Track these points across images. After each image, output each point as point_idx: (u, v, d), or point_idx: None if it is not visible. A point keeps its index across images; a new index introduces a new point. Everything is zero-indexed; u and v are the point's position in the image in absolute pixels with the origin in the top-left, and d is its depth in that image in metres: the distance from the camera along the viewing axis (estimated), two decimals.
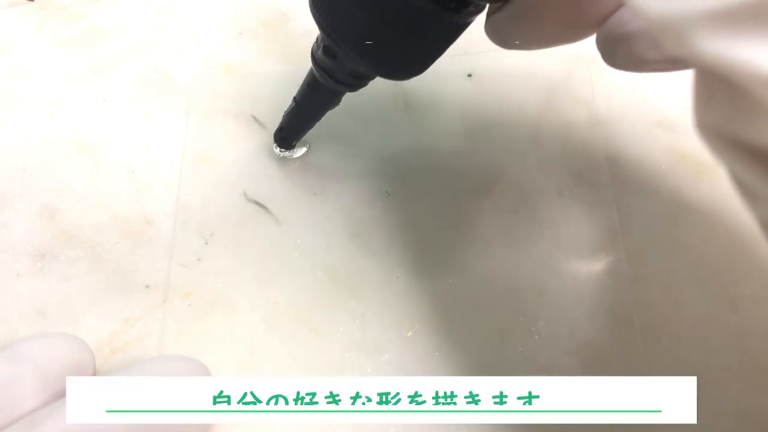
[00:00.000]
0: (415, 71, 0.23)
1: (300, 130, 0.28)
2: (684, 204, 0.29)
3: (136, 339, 0.25)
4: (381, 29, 0.20)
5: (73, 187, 0.28)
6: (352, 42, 0.21)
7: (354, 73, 0.24)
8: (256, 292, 0.26)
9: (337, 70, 0.23)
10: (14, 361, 0.21)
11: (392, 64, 0.22)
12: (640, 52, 0.19)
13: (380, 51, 0.21)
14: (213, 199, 0.28)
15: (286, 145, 0.28)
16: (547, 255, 0.28)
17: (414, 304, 0.26)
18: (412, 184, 0.29)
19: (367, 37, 0.21)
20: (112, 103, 0.30)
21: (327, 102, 0.26)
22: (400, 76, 0.23)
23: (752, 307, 0.26)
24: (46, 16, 0.33)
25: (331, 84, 0.24)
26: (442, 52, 0.23)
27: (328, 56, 0.23)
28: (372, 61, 0.22)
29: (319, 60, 0.24)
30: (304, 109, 0.26)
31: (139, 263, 0.27)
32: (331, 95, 0.25)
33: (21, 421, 0.20)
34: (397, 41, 0.21)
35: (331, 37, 0.22)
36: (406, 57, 0.22)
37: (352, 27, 0.21)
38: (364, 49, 0.21)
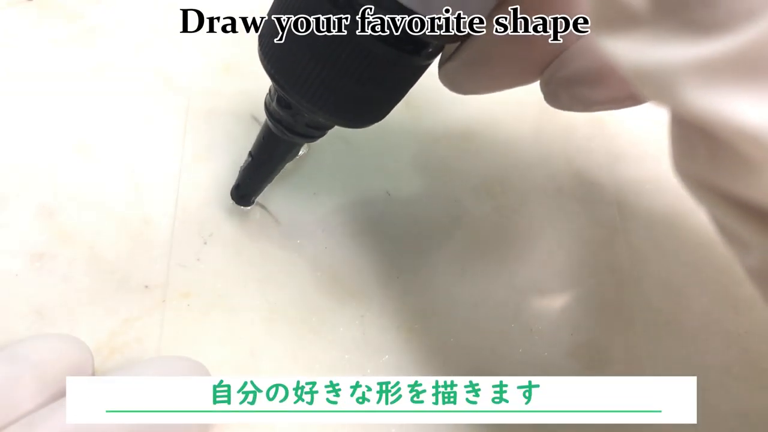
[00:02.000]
0: (376, 118, 0.22)
1: (258, 185, 0.26)
2: (685, 203, 0.29)
3: (135, 340, 0.25)
4: (336, 77, 0.19)
5: (72, 186, 0.28)
6: (306, 92, 0.20)
7: (311, 124, 0.22)
8: (255, 293, 0.26)
9: (293, 121, 0.22)
10: (13, 361, 0.21)
11: (351, 113, 0.21)
12: (585, 93, 0.18)
13: (337, 100, 0.20)
14: (212, 199, 0.28)
15: (245, 202, 0.27)
16: (547, 254, 0.28)
17: (414, 304, 0.26)
18: (412, 184, 0.29)
19: (320, 86, 0.20)
20: (111, 103, 0.30)
21: (284, 155, 0.25)
22: (360, 124, 0.22)
23: (754, 307, 0.26)
24: (45, 16, 0.33)
25: (288, 136, 0.23)
26: (403, 96, 0.21)
27: (282, 107, 0.22)
28: (329, 111, 0.20)
29: (274, 112, 0.23)
30: (262, 164, 0.25)
31: (138, 263, 0.27)
32: (288, 147, 0.24)
33: (20, 422, 0.20)
34: (354, 89, 0.20)
35: (284, 89, 0.20)
36: (364, 105, 0.21)
37: (304, 76, 0.20)
38: (320, 99, 0.20)
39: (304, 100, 0.20)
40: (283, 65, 0.20)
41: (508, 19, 0.17)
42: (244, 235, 0.27)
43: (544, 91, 0.20)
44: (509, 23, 0.17)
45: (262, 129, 0.24)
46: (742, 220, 0.12)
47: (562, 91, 0.19)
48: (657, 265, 0.27)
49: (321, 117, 0.21)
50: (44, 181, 0.28)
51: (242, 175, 0.26)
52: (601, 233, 0.28)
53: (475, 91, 0.22)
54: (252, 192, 0.27)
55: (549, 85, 0.19)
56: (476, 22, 0.18)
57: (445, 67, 0.21)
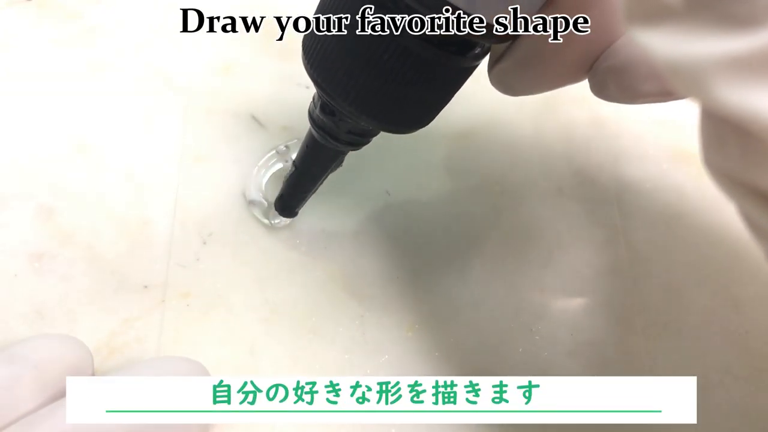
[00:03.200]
0: (422, 123, 0.21)
1: (302, 195, 0.26)
2: (686, 203, 0.29)
3: (134, 340, 0.25)
4: (378, 80, 0.19)
5: (71, 186, 0.28)
6: (348, 96, 0.19)
7: (355, 130, 0.22)
8: (255, 293, 0.26)
9: (336, 128, 0.22)
10: (13, 362, 0.21)
11: (396, 118, 0.20)
12: (634, 84, 0.18)
13: (380, 104, 0.20)
14: (211, 199, 0.28)
15: (289, 213, 0.26)
16: (547, 254, 0.28)
17: (414, 304, 0.26)
18: (412, 184, 0.29)
19: (363, 89, 0.19)
20: (111, 103, 0.30)
21: (329, 164, 0.24)
22: (406, 129, 0.21)
23: (754, 306, 0.26)
24: (44, 15, 0.33)
25: (333, 144, 0.23)
26: (449, 100, 0.21)
27: (326, 114, 0.22)
28: (371, 115, 0.20)
29: (317, 119, 0.22)
30: (305, 174, 0.25)
31: (137, 263, 0.27)
32: (332, 156, 0.24)
33: (20, 422, 0.20)
34: (397, 92, 0.19)
35: (327, 93, 0.20)
36: (410, 109, 0.20)
37: (349, 81, 0.19)
38: (362, 103, 0.19)
39: (347, 104, 0.20)
40: (326, 69, 0.20)
41: (507, 19, 0.17)
42: (244, 235, 0.27)
43: (592, 82, 0.19)
44: (509, 23, 0.17)
45: (305, 137, 0.24)
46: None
47: (611, 80, 0.18)
48: (657, 265, 0.27)
49: (364, 122, 0.21)
50: (44, 181, 0.28)
51: (286, 185, 0.26)
52: (601, 233, 0.28)
53: (527, 91, 0.21)
54: (296, 203, 0.26)
55: (597, 75, 0.19)
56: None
57: (496, 69, 0.20)
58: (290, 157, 0.29)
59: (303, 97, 0.31)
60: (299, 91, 0.31)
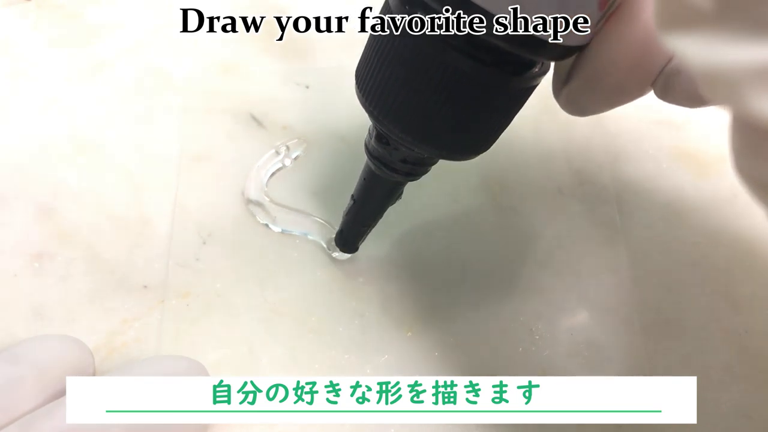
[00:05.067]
0: (481, 148, 0.20)
1: (362, 230, 0.25)
2: (685, 203, 0.29)
3: (133, 340, 0.25)
4: (433, 105, 0.18)
5: (70, 186, 0.28)
6: (400, 122, 0.19)
7: (412, 160, 0.21)
8: (254, 292, 0.26)
9: (392, 158, 0.21)
10: (14, 362, 0.21)
11: (452, 144, 0.19)
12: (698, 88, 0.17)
13: (436, 131, 0.19)
14: (211, 199, 0.28)
15: (350, 249, 0.26)
16: (547, 254, 0.28)
17: (414, 304, 0.26)
18: (411, 184, 0.29)
19: (414, 114, 0.18)
20: (110, 102, 0.30)
21: (387, 196, 0.23)
22: (463, 155, 0.20)
23: (754, 306, 0.26)
24: (43, 15, 0.32)
25: (389, 175, 0.22)
26: (508, 123, 0.20)
27: (381, 144, 0.21)
28: (429, 143, 0.19)
29: (373, 150, 0.21)
30: (364, 207, 0.24)
31: (136, 263, 0.27)
32: (391, 188, 0.23)
33: (19, 421, 0.20)
34: (453, 117, 0.18)
35: (379, 120, 0.19)
36: (466, 134, 0.19)
37: (401, 107, 0.18)
38: (415, 128, 0.19)
39: (398, 129, 0.19)
40: (378, 97, 0.19)
41: (507, 19, 0.17)
42: (243, 235, 0.27)
43: (656, 86, 0.18)
44: (509, 23, 0.17)
45: (362, 170, 0.23)
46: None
47: (677, 84, 0.18)
48: (657, 265, 0.27)
49: (417, 148, 0.20)
50: (43, 181, 0.28)
51: (345, 219, 0.25)
52: (601, 233, 0.28)
53: (600, 109, 0.20)
54: (356, 237, 0.25)
55: (662, 79, 0.18)
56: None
57: (565, 91, 0.20)
58: (290, 157, 0.29)
59: (303, 97, 0.31)
60: (299, 90, 0.31)
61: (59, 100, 0.30)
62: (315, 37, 0.32)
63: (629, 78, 0.18)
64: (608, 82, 0.18)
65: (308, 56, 0.32)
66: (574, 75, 0.19)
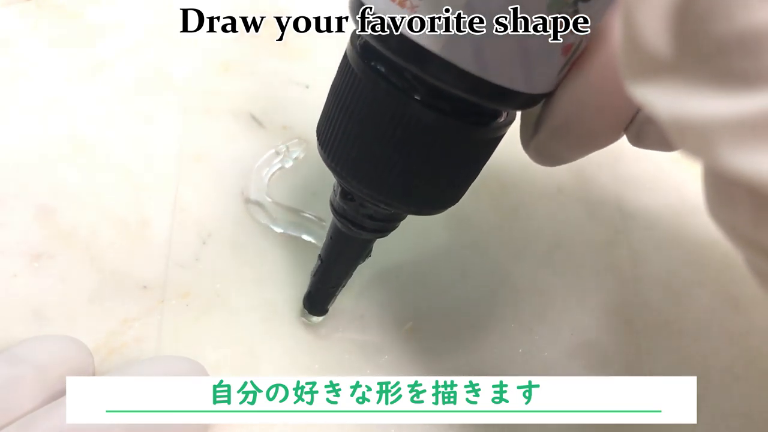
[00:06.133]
0: (449, 202, 0.20)
1: (331, 291, 0.24)
2: (686, 202, 0.29)
3: (133, 340, 0.25)
4: (394, 159, 0.17)
5: (70, 186, 0.28)
6: (369, 180, 0.18)
7: (378, 216, 0.21)
8: (254, 293, 0.26)
9: (358, 215, 0.21)
10: (14, 363, 0.21)
11: (417, 200, 0.19)
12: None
13: (399, 186, 0.18)
14: (211, 199, 0.28)
15: (319, 311, 0.25)
16: (547, 254, 0.28)
17: (414, 304, 0.26)
18: None
19: (379, 170, 0.18)
20: (109, 102, 0.30)
21: (355, 254, 0.23)
22: (430, 210, 0.20)
23: (755, 306, 0.26)
24: (43, 15, 0.32)
25: (355, 232, 0.21)
26: (475, 176, 0.19)
27: (346, 200, 0.20)
28: (392, 198, 0.19)
29: (338, 207, 0.21)
30: (332, 266, 0.24)
31: (136, 264, 0.27)
32: (358, 245, 0.23)
33: (19, 421, 0.20)
34: (416, 171, 0.18)
35: (347, 180, 0.19)
36: (431, 188, 0.19)
37: (366, 163, 0.18)
38: (380, 185, 0.18)
39: (360, 184, 0.18)
40: (338, 150, 0.18)
41: (507, 19, 0.17)
42: (243, 235, 0.27)
43: (629, 133, 0.18)
44: (509, 23, 0.17)
45: (329, 229, 0.23)
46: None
47: (650, 130, 0.17)
48: (657, 265, 0.27)
49: (382, 204, 0.19)
50: (42, 181, 0.28)
51: (314, 281, 0.24)
52: (601, 233, 0.28)
53: (571, 157, 0.19)
54: (326, 299, 0.25)
55: (634, 126, 0.17)
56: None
57: (534, 142, 0.19)
58: (290, 157, 0.29)
59: (302, 96, 0.31)
60: (298, 90, 0.31)
61: (59, 100, 0.30)
62: (315, 37, 0.32)
63: (599, 124, 0.17)
64: (577, 129, 0.17)
65: (308, 56, 0.32)
66: (542, 124, 0.18)
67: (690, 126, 0.10)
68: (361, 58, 0.18)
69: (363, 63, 0.17)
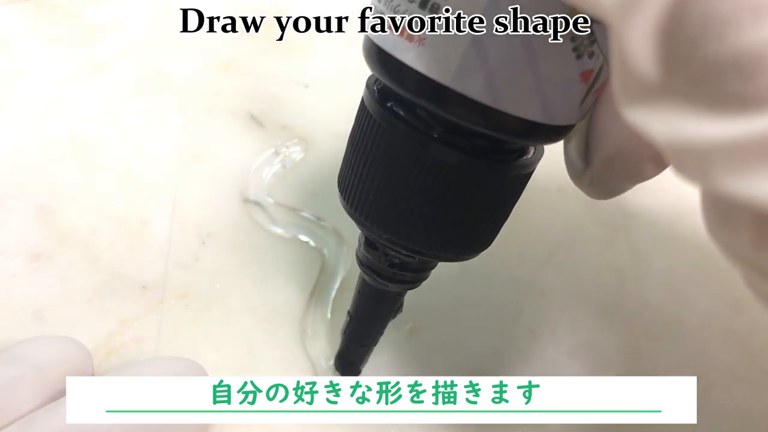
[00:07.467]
0: (482, 246, 0.19)
1: (364, 349, 0.24)
2: (688, 202, 0.29)
3: (132, 340, 0.25)
4: (417, 203, 0.17)
5: (69, 186, 0.28)
6: (391, 227, 0.17)
7: (404, 265, 0.20)
8: (254, 293, 0.26)
9: (386, 265, 0.20)
10: (13, 363, 0.21)
11: (444, 245, 0.18)
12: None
13: (425, 232, 0.17)
14: (210, 199, 0.28)
15: (352, 371, 0.24)
16: (547, 254, 0.28)
17: (414, 304, 0.26)
18: None
19: (408, 217, 0.17)
20: (109, 102, 0.30)
21: (386, 307, 0.22)
22: (461, 256, 0.19)
23: (755, 306, 0.26)
24: (42, 15, 0.32)
25: (382, 284, 0.20)
26: (508, 214, 0.19)
27: (370, 249, 0.20)
28: (423, 245, 0.18)
29: (363, 258, 0.20)
30: (362, 323, 0.23)
31: (135, 264, 0.26)
32: (390, 299, 0.22)
33: (19, 422, 0.20)
34: (446, 215, 0.17)
35: (370, 229, 0.18)
36: (463, 233, 0.18)
37: (388, 209, 0.17)
38: (409, 233, 0.17)
39: (383, 232, 0.18)
40: (360, 198, 0.18)
41: (507, 19, 0.17)
42: (243, 235, 0.27)
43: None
44: (509, 23, 0.17)
45: (357, 284, 0.22)
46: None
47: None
48: (658, 265, 0.27)
49: (405, 250, 0.18)
50: (41, 181, 0.28)
51: (344, 339, 0.23)
52: (602, 233, 0.28)
53: (628, 186, 0.18)
54: (358, 358, 0.24)
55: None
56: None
57: (590, 175, 0.18)
58: (290, 157, 0.29)
59: (302, 96, 0.31)
60: (298, 90, 0.31)
61: (59, 100, 0.30)
62: (315, 37, 0.32)
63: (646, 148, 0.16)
64: (631, 156, 0.17)
65: (308, 56, 0.32)
66: (594, 155, 0.17)
67: (686, 149, 0.10)
68: (378, 102, 0.17)
69: (380, 107, 0.17)
